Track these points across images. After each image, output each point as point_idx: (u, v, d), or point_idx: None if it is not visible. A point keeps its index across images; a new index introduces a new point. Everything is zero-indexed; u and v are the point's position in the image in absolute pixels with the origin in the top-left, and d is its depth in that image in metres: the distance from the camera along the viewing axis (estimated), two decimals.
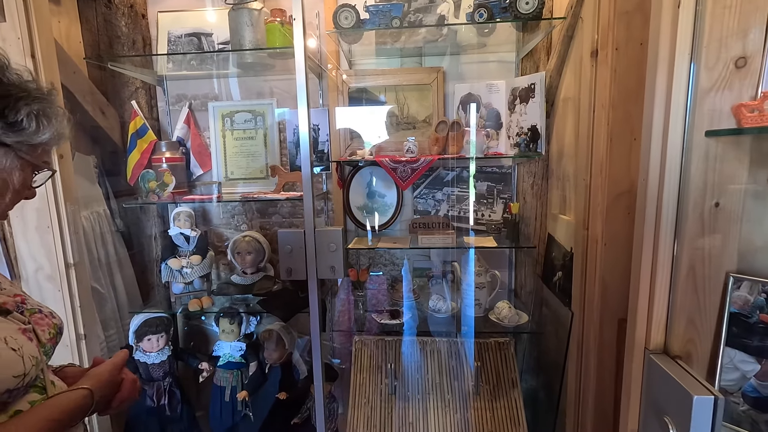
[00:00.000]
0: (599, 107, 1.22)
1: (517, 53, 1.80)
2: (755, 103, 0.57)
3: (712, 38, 0.57)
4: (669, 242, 0.61)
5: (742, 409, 0.63)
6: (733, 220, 0.62)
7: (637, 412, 0.66)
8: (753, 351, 0.62)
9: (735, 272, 0.63)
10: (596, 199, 1.25)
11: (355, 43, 1.81)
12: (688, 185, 0.60)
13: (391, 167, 1.66)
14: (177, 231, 1.80)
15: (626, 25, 1.13)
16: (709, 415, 0.50)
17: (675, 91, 0.58)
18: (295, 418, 1.72)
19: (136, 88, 1.86)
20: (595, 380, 1.28)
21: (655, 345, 0.64)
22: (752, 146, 0.60)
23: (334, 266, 1.48)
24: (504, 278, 1.92)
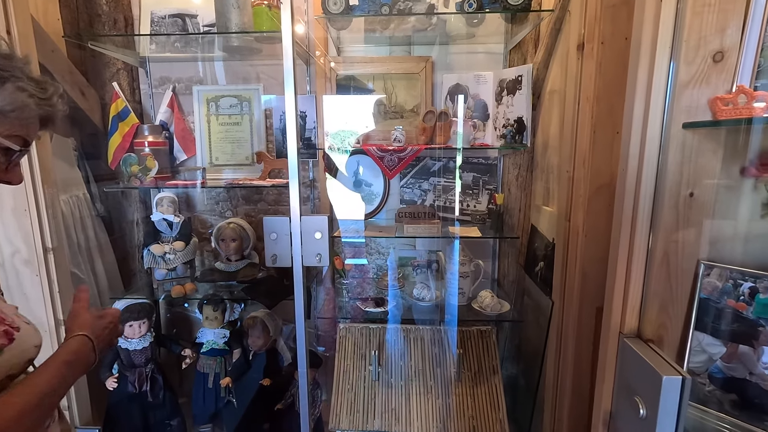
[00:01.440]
0: (584, 100, 1.24)
1: (505, 45, 1.81)
2: (730, 97, 0.59)
3: (692, 33, 0.58)
4: (645, 231, 0.64)
5: (708, 389, 0.67)
6: (706, 209, 0.65)
7: (611, 393, 0.69)
8: (720, 334, 0.65)
9: (706, 260, 0.66)
10: (578, 191, 1.27)
11: (343, 29, 1.79)
12: (665, 176, 0.62)
13: (378, 156, 1.67)
14: (160, 217, 1.78)
15: (612, 18, 1.14)
16: (677, 394, 0.53)
17: (655, 84, 0.59)
18: (279, 404, 1.73)
19: (118, 69, 1.81)
20: (572, 366, 1.32)
21: (629, 329, 0.67)
22: (726, 139, 0.63)
23: (320, 254, 1.49)
24: (487, 268, 1.95)
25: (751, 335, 0.61)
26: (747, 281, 0.63)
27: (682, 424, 0.54)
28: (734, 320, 0.63)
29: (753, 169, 0.63)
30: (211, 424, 1.85)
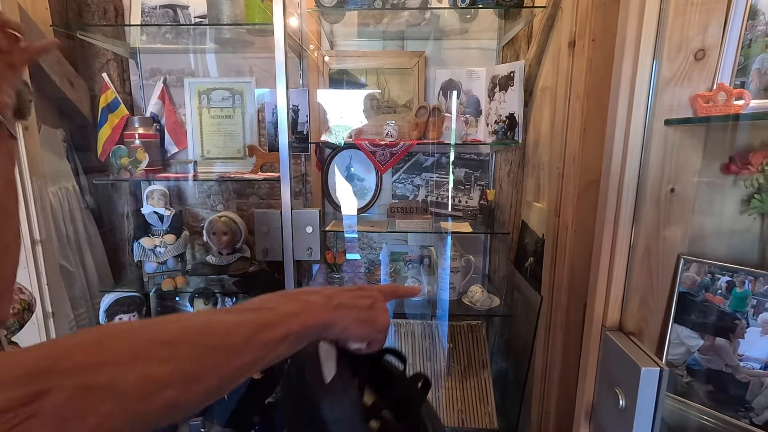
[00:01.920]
0: (574, 97, 1.25)
1: (498, 41, 1.82)
2: (710, 94, 0.60)
3: (674, 31, 0.59)
4: (628, 226, 0.65)
5: (686, 380, 0.68)
6: (686, 205, 0.66)
7: (593, 385, 0.71)
8: (697, 327, 0.66)
9: (686, 255, 0.68)
10: (568, 187, 1.29)
11: (336, 23, 1.78)
12: (647, 171, 0.64)
13: (370, 150, 1.67)
14: (150, 209, 1.77)
15: (603, 16, 1.15)
16: (655, 385, 0.54)
17: (639, 82, 0.60)
18: (270, 398, 1.74)
19: (108, 60, 1.79)
20: (560, 360, 1.33)
21: (611, 323, 0.68)
22: (707, 136, 0.64)
23: (311, 248, 1.49)
24: (478, 263, 1.97)
25: (728, 328, 0.63)
26: (724, 275, 0.64)
27: (659, 414, 0.55)
28: (711, 313, 0.65)
29: (733, 166, 0.65)
30: (201, 418, 1.85)
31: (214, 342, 0.36)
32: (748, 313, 0.62)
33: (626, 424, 0.57)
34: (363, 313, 0.49)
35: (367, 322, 0.49)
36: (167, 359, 0.33)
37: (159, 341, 0.33)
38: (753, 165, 0.62)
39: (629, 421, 0.56)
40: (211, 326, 0.37)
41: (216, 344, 0.36)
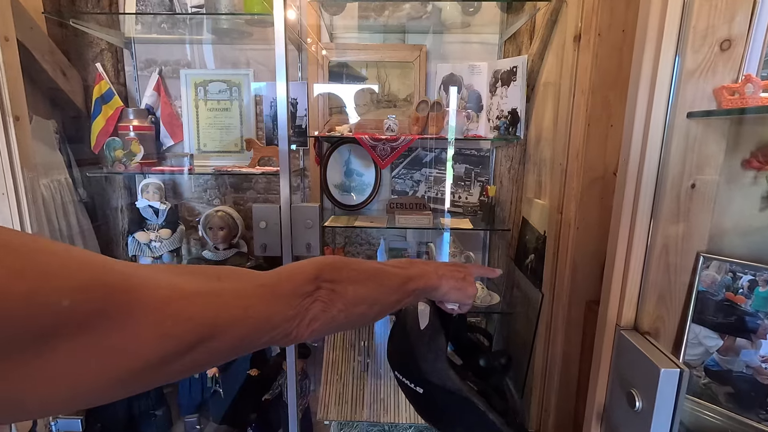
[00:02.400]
0: (579, 93, 1.23)
1: (500, 35, 1.79)
2: (737, 86, 0.58)
3: (700, 20, 0.57)
4: (645, 222, 0.63)
5: (704, 382, 0.67)
6: (706, 201, 0.64)
7: (605, 386, 0.69)
8: (717, 327, 0.65)
9: (705, 252, 0.66)
10: (571, 184, 1.27)
11: (337, 15, 1.75)
12: (668, 166, 0.62)
13: (370, 145, 1.64)
14: (145, 203, 1.73)
15: (610, 10, 1.13)
16: (675, 386, 0.53)
17: (661, 73, 0.58)
18: (266, 395, 1.72)
19: (101, 50, 1.75)
20: (561, 359, 1.32)
21: (626, 322, 0.67)
22: (730, 129, 0.62)
23: (310, 243, 1.47)
24: (478, 260, 1.95)
25: (749, 328, 0.62)
26: (746, 274, 0.63)
27: (678, 416, 0.54)
28: (732, 313, 0.63)
29: (755, 161, 0.63)
30: (197, 414, 1.82)
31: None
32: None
33: (643, 427, 0.56)
34: (459, 283, 0.64)
35: (461, 290, 0.64)
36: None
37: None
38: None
39: (646, 423, 0.55)
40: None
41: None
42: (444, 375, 0.61)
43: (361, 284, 0.51)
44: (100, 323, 0.29)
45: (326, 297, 0.46)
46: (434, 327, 0.65)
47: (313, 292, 0.45)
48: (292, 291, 0.44)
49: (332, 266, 0.49)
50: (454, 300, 0.65)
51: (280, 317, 0.42)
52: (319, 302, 0.45)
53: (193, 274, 0.39)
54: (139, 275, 0.33)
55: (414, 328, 0.65)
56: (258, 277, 0.44)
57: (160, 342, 0.32)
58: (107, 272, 0.31)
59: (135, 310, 0.31)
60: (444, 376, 0.61)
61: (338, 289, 0.48)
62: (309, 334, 0.45)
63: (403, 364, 0.67)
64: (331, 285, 0.47)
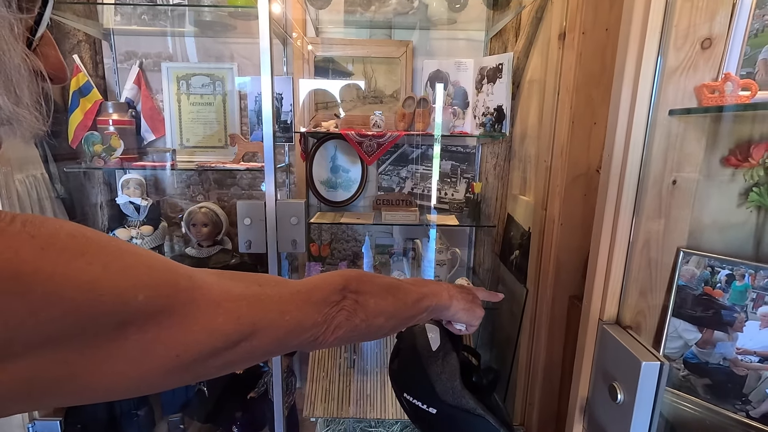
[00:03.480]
0: (563, 90, 1.24)
1: (486, 32, 1.80)
2: (717, 84, 0.59)
3: (682, 18, 0.58)
4: (628, 218, 0.64)
5: (683, 374, 0.69)
6: (687, 197, 0.66)
7: (588, 380, 0.70)
8: (695, 321, 0.67)
9: (685, 248, 0.68)
10: (555, 181, 1.28)
11: (322, 9, 1.73)
12: (650, 163, 0.63)
13: (357, 141, 1.63)
14: (126, 199, 1.69)
15: (594, 9, 1.14)
16: (655, 379, 0.54)
17: (644, 70, 0.59)
18: (252, 393, 1.70)
19: (79, 41, 1.69)
20: (545, 353, 1.34)
21: (609, 316, 0.68)
22: (710, 127, 0.64)
23: (296, 240, 1.45)
24: (464, 256, 1.96)
25: (726, 321, 0.63)
26: (724, 269, 0.64)
27: (658, 408, 0.55)
28: (710, 307, 0.65)
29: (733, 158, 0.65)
30: (180, 414, 1.80)
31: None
32: (748, 306, 0.62)
33: (624, 419, 0.57)
34: (468, 305, 0.67)
35: (470, 311, 0.67)
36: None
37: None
38: (753, 158, 0.62)
39: (628, 416, 0.56)
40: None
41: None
42: (459, 394, 0.63)
43: (381, 297, 0.54)
44: (166, 317, 0.34)
45: (351, 307, 0.49)
46: (446, 348, 0.67)
47: (339, 301, 0.49)
48: (323, 299, 0.47)
49: (358, 279, 0.53)
50: (463, 321, 0.68)
51: (311, 322, 0.45)
52: (344, 311, 0.48)
53: (237, 279, 0.43)
54: (197, 277, 0.38)
55: (425, 349, 0.67)
56: (293, 285, 0.47)
57: (211, 337, 0.37)
58: (174, 273, 0.36)
59: (194, 308, 0.36)
60: (459, 395, 0.63)
61: (361, 300, 0.51)
62: (333, 341, 0.48)
63: (413, 386, 0.68)
64: (355, 296, 0.50)
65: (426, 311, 0.61)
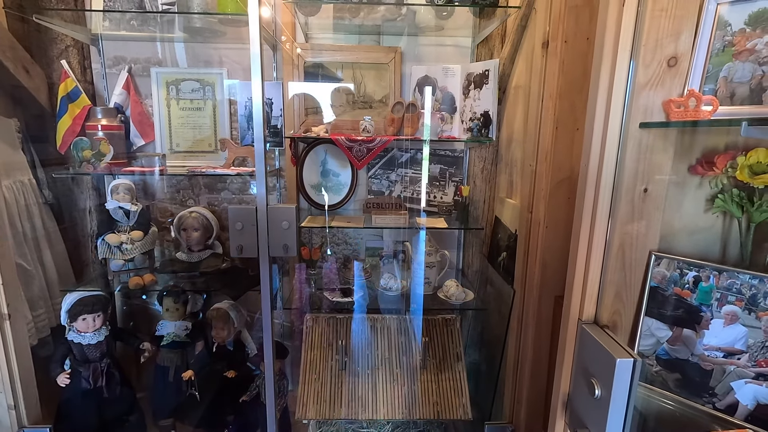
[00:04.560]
0: (547, 97, 1.28)
1: (473, 39, 1.84)
2: (682, 99, 0.63)
3: (650, 37, 0.62)
4: (604, 223, 0.68)
5: (656, 370, 0.72)
6: (657, 204, 0.70)
7: (569, 376, 0.74)
8: (666, 319, 0.71)
9: (657, 251, 0.72)
10: (540, 184, 1.32)
11: (312, 15, 1.75)
12: (623, 172, 0.67)
13: (347, 146, 1.65)
14: (115, 204, 1.69)
15: (575, 19, 1.18)
16: (629, 375, 0.57)
17: (616, 85, 0.63)
18: (244, 396, 1.71)
19: (67, 47, 1.69)
20: (532, 351, 1.38)
21: (587, 316, 0.71)
22: (677, 139, 0.68)
23: (287, 244, 1.47)
24: (453, 258, 2.00)
25: (694, 320, 0.67)
26: (692, 271, 0.68)
27: (632, 402, 0.59)
28: (679, 306, 0.69)
29: (699, 167, 0.69)
30: (171, 419, 1.80)
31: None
32: (713, 305, 0.66)
33: (601, 413, 0.60)
34: None
35: None
36: None
37: None
38: (718, 167, 0.67)
39: (604, 410, 0.59)
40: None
41: None
42: None
43: None
44: None
45: None
46: None
47: None
48: None
49: None
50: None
51: None
52: None
53: None
54: None
55: None
56: None
57: None
58: None
59: None
60: None
61: None
62: None
63: None
64: None
65: None
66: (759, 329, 0.63)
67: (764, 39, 0.60)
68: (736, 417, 0.65)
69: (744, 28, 0.62)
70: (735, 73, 0.63)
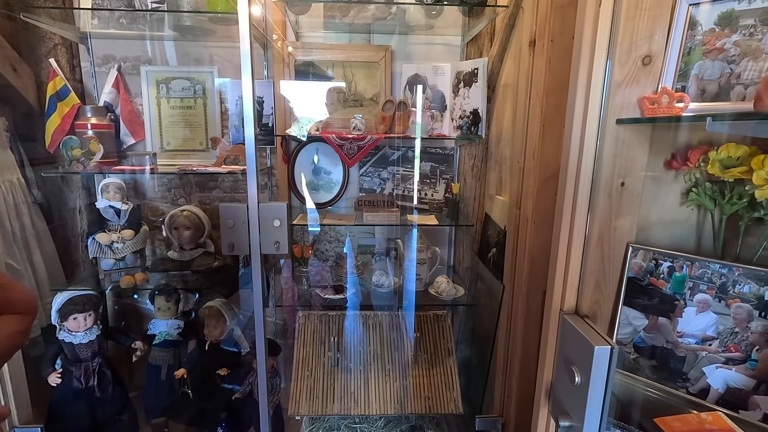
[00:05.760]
0: (534, 95, 1.30)
1: (462, 37, 1.86)
2: (655, 96, 0.65)
3: (625, 37, 0.64)
4: (583, 217, 0.70)
5: (633, 357, 0.75)
6: (634, 197, 0.72)
7: (552, 366, 0.76)
8: (643, 308, 0.73)
9: (634, 243, 0.74)
10: (528, 181, 1.35)
11: (302, 14, 1.76)
12: (601, 167, 0.69)
13: (337, 144, 1.67)
14: (106, 203, 1.68)
15: (561, 18, 1.20)
16: (607, 361, 0.60)
17: (594, 83, 0.65)
18: (237, 393, 1.71)
19: (55, 45, 1.68)
20: (521, 345, 1.41)
21: (569, 307, 0.74)
22: (652, 134, 0.70)
23: (279, 241, 1.48)
24: (444, 254, 2.02)
25: (668, 308, 0.70)
26: (666, 261, 0.71)
27: (610, 387, 0.61)
28: (655, 296, 0.72)
29: (674, 162, 0.71)
30: (164, 417, 1.80)
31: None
32: (686, 294, 0.69)
33: (581, 399, 0.62)
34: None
35: None
36: None
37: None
38: (691, 161, 0.69)
39: (584, 396, 0.61)
40: None
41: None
42: None
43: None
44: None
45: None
46: None
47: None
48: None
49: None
50: None
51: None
52: None
53: None
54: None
55: None
56: None
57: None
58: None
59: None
60: None
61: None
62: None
63: None
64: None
65: None
66: (728, 316, 0.66)
67: (732, 38, 0.63)
68: (708, 400, 0.68)
69: (714, 27, 0.65)
70: (705, 71, 0.66)
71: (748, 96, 0.61)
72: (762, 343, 0.62)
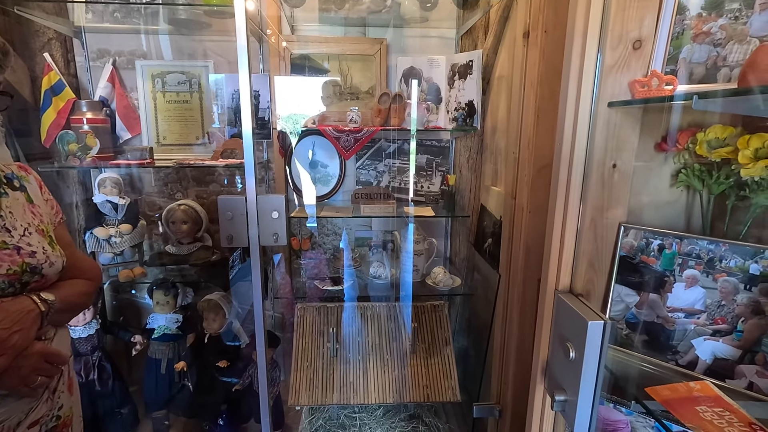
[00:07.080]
0: (528, 85, 1.32)
1: (457, 30, 1.87)
2: (645, 80, 0.67)
3: (616, 23, 0.66)
4: (577, 198, 0.72)
5: (625, 333, 0.77)
6: (626, 179, 0.74)
7: (548, 344, 0.78)
8: (634, 286, 0.76)
9: (625, 223, 0.76)
10: (523, 171, 1.36)
11: (297, 7, 1.77)
12: (593, 149, 0.71)
13: (334, 136, 1.68)
14: (103, 198, 1.69)
15: (554, 9, 1.22)
16: (600, 336, 0.62)
17: (586, 68, 0.67)
18: (237, 385, 1.73)
19: (49, 39, 1.68)
20: (517, 334, 1.43)
21: (563, 286, 0.76)
22: (643, 117, 0.72)
23: (277, 233, 1.49)
24: (440, 246, 2.04)
25: (659, 284, 0.72)
26: (656, 239, 0.73)
27: (603, 361, 0.63)
28: (646, 273, 0.74)
29: (664, 144, 0.73)
30: (164, 410, 1.81)
31: None
32: (675, 270, 0.71)
33: (575, 373, 0.64)
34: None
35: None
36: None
37: None
38: (680, 143, 0.71)
39: (578, 370, 0.64)
40: None
41: None
42: None
43: None
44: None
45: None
46: None
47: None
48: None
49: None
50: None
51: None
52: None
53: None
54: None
55: None
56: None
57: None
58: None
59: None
60: None
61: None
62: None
63: None
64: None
65: None
66: (715, 290, 0.69)
67: (718, 22, 0.65)
68: (697, 371, 0.71)
69: (701, 12, 0.67)
70: (693, 54, 0.68)
71: (733, 77, 0.63)
72: (747, 315, 0.65)
